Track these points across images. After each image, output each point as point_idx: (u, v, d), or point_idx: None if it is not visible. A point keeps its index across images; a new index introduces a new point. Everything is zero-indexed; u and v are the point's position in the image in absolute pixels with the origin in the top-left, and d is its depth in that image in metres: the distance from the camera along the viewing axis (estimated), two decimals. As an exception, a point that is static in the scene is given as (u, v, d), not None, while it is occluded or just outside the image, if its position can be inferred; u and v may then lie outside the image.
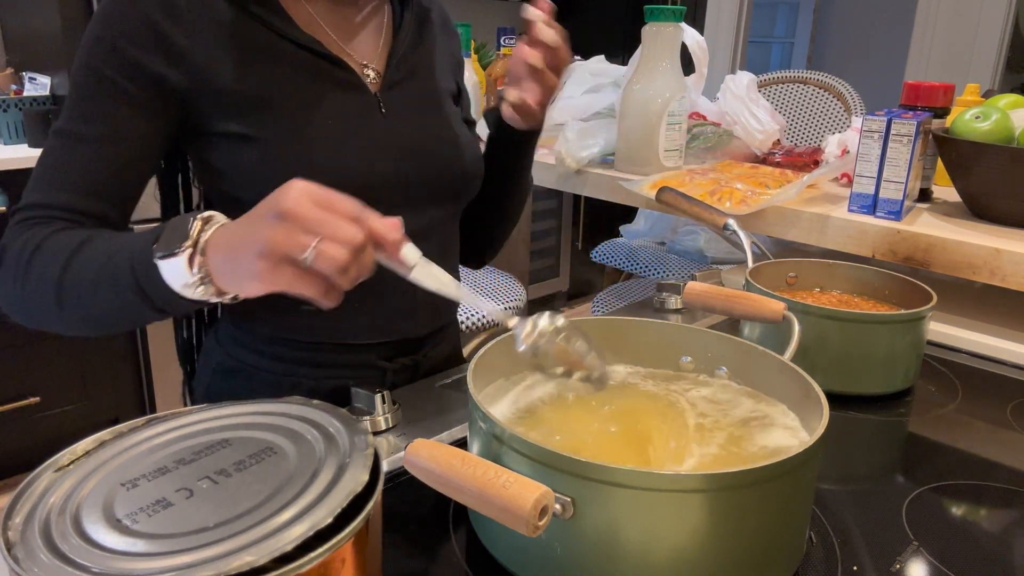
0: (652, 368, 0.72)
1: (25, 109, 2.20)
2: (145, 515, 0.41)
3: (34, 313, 0.68)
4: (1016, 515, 0.65)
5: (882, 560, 0.58)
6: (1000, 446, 0.77)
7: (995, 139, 1.12)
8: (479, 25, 3.49)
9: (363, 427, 0.48)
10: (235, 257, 0.54)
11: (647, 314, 1.06)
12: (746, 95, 1.58)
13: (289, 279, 0.51)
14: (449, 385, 0.86)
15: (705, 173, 1.40)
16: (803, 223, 1.22)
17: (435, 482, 0.47)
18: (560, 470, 0.47)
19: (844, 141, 1.44)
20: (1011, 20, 3.13)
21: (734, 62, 3.87)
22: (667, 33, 1.42)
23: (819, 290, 0.98)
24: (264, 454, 0.46)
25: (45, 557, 0.37)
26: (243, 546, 0.38)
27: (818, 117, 2.32)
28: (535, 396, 0.66)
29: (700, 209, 1.13)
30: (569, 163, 1.51)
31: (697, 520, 0.47)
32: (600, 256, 2.16)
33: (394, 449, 0.71)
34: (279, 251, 0.50)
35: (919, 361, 0.87)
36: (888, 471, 0.74)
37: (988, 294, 1.15)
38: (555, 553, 0.49)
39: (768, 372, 0.65)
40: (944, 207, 1.27)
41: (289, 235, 0.49)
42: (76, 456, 0.46)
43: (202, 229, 0.56)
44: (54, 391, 2.27)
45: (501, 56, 1.81)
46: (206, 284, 0.57)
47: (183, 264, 0.56)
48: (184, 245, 0.56)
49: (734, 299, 0.79)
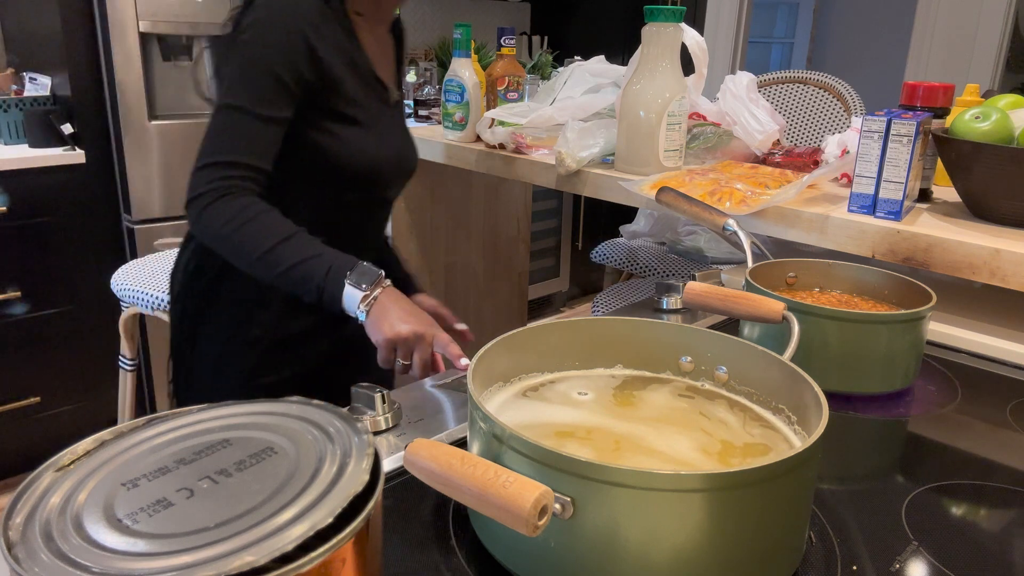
0: (652, 370, 0.72)
1: (25, 109, 2.20)
2: (146, 515, 0.41)
3: (224, 251, 0.97)
4: (1016, 515, 0.65)
5: (882, 560, 0.58)
6: (1000, 446, 0.77)
7: (995, 139, 1.12)
8: (479, 25, 3.49)
9: (363, 427, 0.48)
10: (384, 315, 0.92)
11: (647, 314, 1.06)
12: (746, 95, 1.58)
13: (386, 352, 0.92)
14: (449, 385, 0.86)
15: (705, 173, 1.40)
16: (803, 223, 1.22)
17: (435, 482, 0.47)
18: (560, 470, 0.47)
19: (844, 141, 1.44)
20: (1011, 20, 3.12)
21: (734, 62, 3.87)
22: (667, 33, 1.42)
23: (819, 290, 0.98)
24: (264, 454, 0.46)
25: (46, 557, 0.37)
26: (243, 546, 0.38)
27: (818, 117, 2.32)
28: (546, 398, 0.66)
29: (700, 209, 1.13)
30: (569, 163, 1.51)
31: (697, 520, 0.47)
32: (600, 256, 2.17)
33: (394, 449, 0.71)
34: (399, 341, 0.91)
35: (919, 361, 0.87)
36: (888, 471, 0.74)
37: (988, 294, 1.15)
38: (555, 553, 0.50)
39: (768, 372, 0.65)
40: (944, 207, 1.27)
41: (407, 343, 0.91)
42: (76, 456, 0.46)
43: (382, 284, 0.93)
44: (54, 391, 2.27)
45: (501, 56, 1.80)
46: (358, 313, 0.92)
47: (359, 296, 0.92)
48: (368, 287, 0.92)
49: (734, 299, 0.79)
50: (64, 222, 2.19)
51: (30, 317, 2.18)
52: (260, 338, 1.11)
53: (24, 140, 2.21)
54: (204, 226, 0.96)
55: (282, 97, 0.97)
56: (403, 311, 0.92)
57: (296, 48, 0.97)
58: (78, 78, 2.17)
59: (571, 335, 0.71)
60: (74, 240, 2.22)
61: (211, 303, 1.12)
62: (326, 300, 0.94)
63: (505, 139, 1.70)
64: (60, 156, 2.14)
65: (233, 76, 0.97)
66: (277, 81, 0.96)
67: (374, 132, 1.08)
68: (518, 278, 2.46)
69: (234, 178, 0.95)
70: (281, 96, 0.97)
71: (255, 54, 0.96)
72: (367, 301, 0.92)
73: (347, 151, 1.05)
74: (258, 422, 0.50)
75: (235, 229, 0.94)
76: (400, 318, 0.91)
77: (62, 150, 2.17)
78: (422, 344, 0.91)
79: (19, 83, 2.35)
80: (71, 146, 2.20)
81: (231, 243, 0.95)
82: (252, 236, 0.94)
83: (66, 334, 2.26)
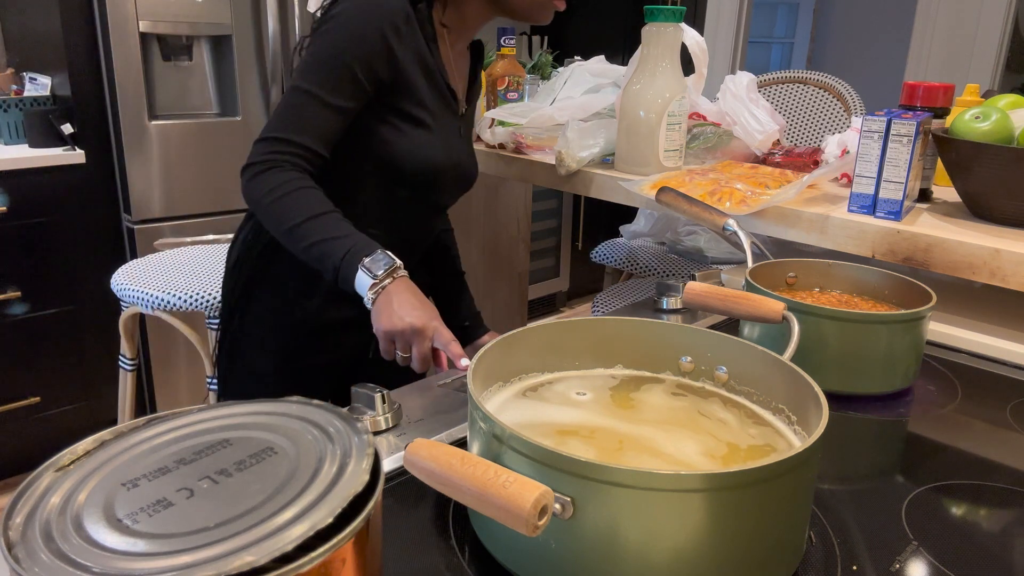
0: (652, 370, 0.72)
1: (25, 109, 2.20)
2: (146, 515, 0.41)
3: (259, 213, 1.02)
4: (1016, 515, 0.65)
5: (882, 560, 0.58)
6: (1000, 446, 0.77)
7: (995, 139, 1.12)
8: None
9: (363, 427, 0.48)
10: (387, 305, 0.93)
11: (647, 314, 1.06)
12: (746, 95, 1.58)
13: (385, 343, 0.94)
14: (449, 385, 0.86)
15: (705, 173, 1.40)
16: (803, 223, 1.22)
17: (435, 482, 0.47)
18: (560, 470, 0.47)
19: (844, 141, 1.44)
20: (1011, 20, 3.12)
21: (734, 62, 3.87)
22: (667, 33, 1.42)
23: (819, 290, 0.98)
24: (264, 454, 0.46)
25: (46, 557, 0.37)
26: (243, 546, 0.38)
27: (818, 117, 2.32)
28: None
29: (700, 209, 1.13)
30: (569, 163, 1.51)
31: (697, 520, 0.47)
32: (600, 256, 2.16)
33: (394, 449, 0.71)
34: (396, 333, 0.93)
35: (919, 361, 0.87)
36: (888, 471, 0.74)
37: (988, 294, 1.15)
38: (555, 553, 0.50)
39: (768, 372, 0.65)
40: (944, 207, 1.27)
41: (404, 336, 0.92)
42: (76, 456, 0.46)
43: (395, 274, 0.94)
44: (54, 391, 2.27)
45: (501, 56, 1.80)
46: (366, 297, 0.94)
47: (369, 282, 0.93)
48: (380, 275, 0.94)
49: (734, 299, 0.79)
50: (64, 222, 2.18)
51: (30, 317, 2.18)
52: (303, 321, 1.15)
53: (24, 140, 2.21)
54: (249, 193, 1.01)
55: (350, 88, 1.01)
56: (407, 303, 0.92)
57: (373, 45, 1.00)
58: (78, 78, 2.17)
59: (571, 335, 0.71)
60: (74, 240, 2.22)
61: (261, 281, 1.16)
62: (341, 281, 0.96)
63: (505, 139, 1.70)
64: (60, 156, 2.14)
65: (309, 61, 1.02)
66: (348, 72, 1.00)
67: (440, 137, 1.11)
68: (518, 278, 2.46)
69: (286, 154, 1.00)
70: (349, 87, 1.00)
71: (332, 44, 1.00)
72: (375, 288, 0.93)
73: (411, 148, 1.08)
74: (258, 422, 0.50)
75: (274, 199, 0.98)
76: (402, 310, 0.92)
77: (62, 150, 2.17)
78: (420, 338, 0.91)
79: (19, 83, 2.35)
80: (71, 146, 2.20)
81: (268, 212, 0.99)
82: (287, 208, 0.98)
83: (66, 334, 2.26)
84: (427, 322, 0.92)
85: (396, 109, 1.06)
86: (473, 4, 1.11)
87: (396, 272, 0.95)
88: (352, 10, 1.00)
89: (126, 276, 1.64)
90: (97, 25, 2.15)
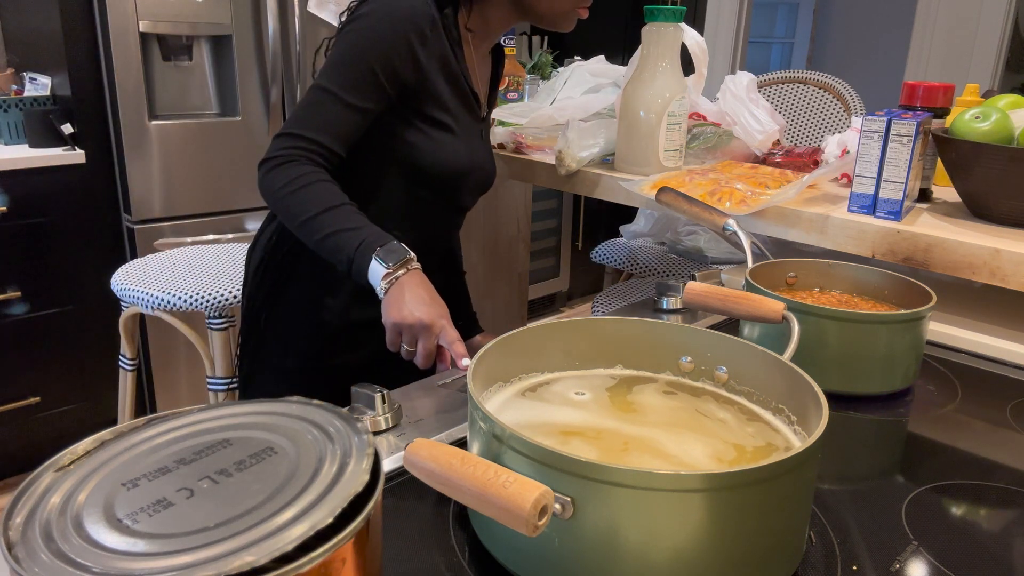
0: (652, 370, 0.72)
1: (25, 109, 2.20)
2: (146, 515, 0.41)
3: (274, 206, 1.02)
4: (1016, 515, 0.65)
5: (882, 560, 0.58)
6: (1000, 446, 0.77)
7: (995, 139, 1.12)
8: (479, 25, 3.48)
9: (363, 427, 0.48)
10: (399, 298, 0.92)
11: (647, 314, 1.06)
12: (746, 95, 1.58)
13: (392, 335, 0.94)
14: (449, 385, 0.86)
15: (705, 173, 1.40)
16: (803, 223, 1.22)
17: (435, 482, 0.47)
18: (560, 470, 0.47)
19: (844, 141, 1.44)
20: (1011, 20, 3.12)
21: (734, 62, 3.87)
22: (667, 33, 1.42)
23: (819, 290, 0.98)
24: (264, 454, 0.46)
25: (46, 557, 0.37)
26: (243, 546, 0.38)
27: (818, 117, 2.32)
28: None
29: (700, 209, 1.13)
30: (569, 163, 1.51)
31: (697, 520, 0.47)
32: (600, 256, 2.16)
33: (394, 449, 0.71)
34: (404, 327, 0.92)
35: (919, 361, 0.87)
36: (888, 471, 0.74)
37: (988, 294, 1.15)
38: (555, 553, 0.50)
39: (768, 372, 0.65)
40: (944, 207, 1.27)
41: (412, 330, 0.91)
42: (76, 456, 0.46)
43: (408, 266, 0.94)
44: (54, 391, 2.27)
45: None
46: (378, 288, 0.94)
47: (383, 272, 0.93)
48: (393, 265, 0.93)
49: (734, 299, 0.79)
50: (64, 222, 2.18)
51: (30, 317, 2.18)
52: (328, 322, 1.15)
53: (24, 140, 2.21)
54: (266, 186, 1.02)
55: (372, 90, 1.01)
56: (418, 297, 0.92)
57: (397, 48, 1.01)
58: (78, 78, 2.17)
59: (571, 335, 0.71)
60: (74, 240, 2.22)
61: (287, 281, 1.17)
62: (355, 272, 0.96)
63: (505, 139, 1.70)
64: (60, 156, 2.14)
65: (332, 60, 1.02)
66: (370, 74, 1.00)
67: (463, 141, 1.12)
68: (518, 278, 2.46)
69: (303, 149, 1.01)
70: (371, 88, 1.01)
71: (356, 44, 1.01)
72: (389, 279, 0.93)
73: (435, 151, 1.09)
74: (258, 422, 0.50)
75: (289, 192, 0.99)
76: (413, 303, 0.92)
77: (62, 150, 2.17)
78: (427, 334, 0.91)
79: (19, 83, 2.35)
80: (71, 146, 2.20)
81: (283, 205, 1.00)
82: (302, 200, 0.98)
83: (66, 334, 2.26)
84: (436, 319, 0.91)
85: (420, 113, 1.07)
86: (498, 9, 1.11)
87: (410, 264, 0.95)
88: (379, 11, 1.01)
89: (126, 276, 1.64)
90: (97, 25, 2.15)
